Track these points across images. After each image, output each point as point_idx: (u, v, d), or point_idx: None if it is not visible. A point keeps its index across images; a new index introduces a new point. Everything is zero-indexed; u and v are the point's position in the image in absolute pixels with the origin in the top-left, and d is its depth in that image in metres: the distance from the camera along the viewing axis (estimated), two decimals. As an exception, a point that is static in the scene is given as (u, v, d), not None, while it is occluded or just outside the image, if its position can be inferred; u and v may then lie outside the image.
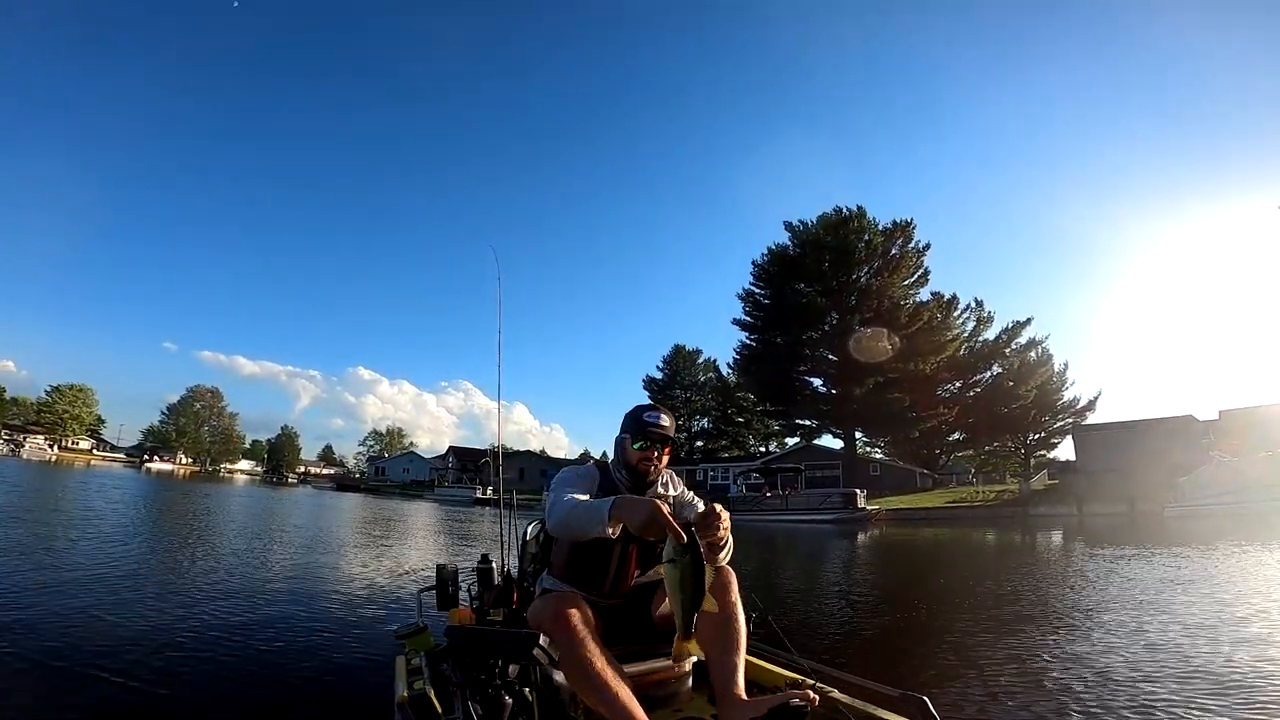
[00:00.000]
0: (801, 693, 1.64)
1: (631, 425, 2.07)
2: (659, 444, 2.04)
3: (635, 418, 2.08)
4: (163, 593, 5.79)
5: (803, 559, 12.49)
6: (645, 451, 2.04)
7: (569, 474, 2.05)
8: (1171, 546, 12.09)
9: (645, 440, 2.03)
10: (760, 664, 2.11)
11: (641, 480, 2.07)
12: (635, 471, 2.06)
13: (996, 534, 18.68)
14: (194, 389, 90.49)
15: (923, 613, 6.15)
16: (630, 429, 2.08)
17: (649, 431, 2.03)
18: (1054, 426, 44.43)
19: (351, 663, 3.93)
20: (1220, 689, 3.44)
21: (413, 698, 1.93)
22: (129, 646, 3.97)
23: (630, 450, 2.06)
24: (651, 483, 2.09)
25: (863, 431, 43.61)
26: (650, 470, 2.06)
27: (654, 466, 2.06)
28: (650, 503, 1.56)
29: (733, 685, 1.68)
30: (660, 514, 1.50)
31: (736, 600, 1.82)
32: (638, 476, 2.06)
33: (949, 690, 3.24)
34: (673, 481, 2.19)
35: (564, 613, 1.65)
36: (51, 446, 73.58)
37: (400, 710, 1.94)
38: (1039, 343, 42.59)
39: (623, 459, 2.10)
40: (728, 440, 59.10)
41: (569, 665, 1.61)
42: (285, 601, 5.73)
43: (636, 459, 2.04)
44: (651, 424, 2.04)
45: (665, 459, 2.09)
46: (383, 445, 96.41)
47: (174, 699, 3.23)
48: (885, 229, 39.87)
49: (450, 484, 44.59)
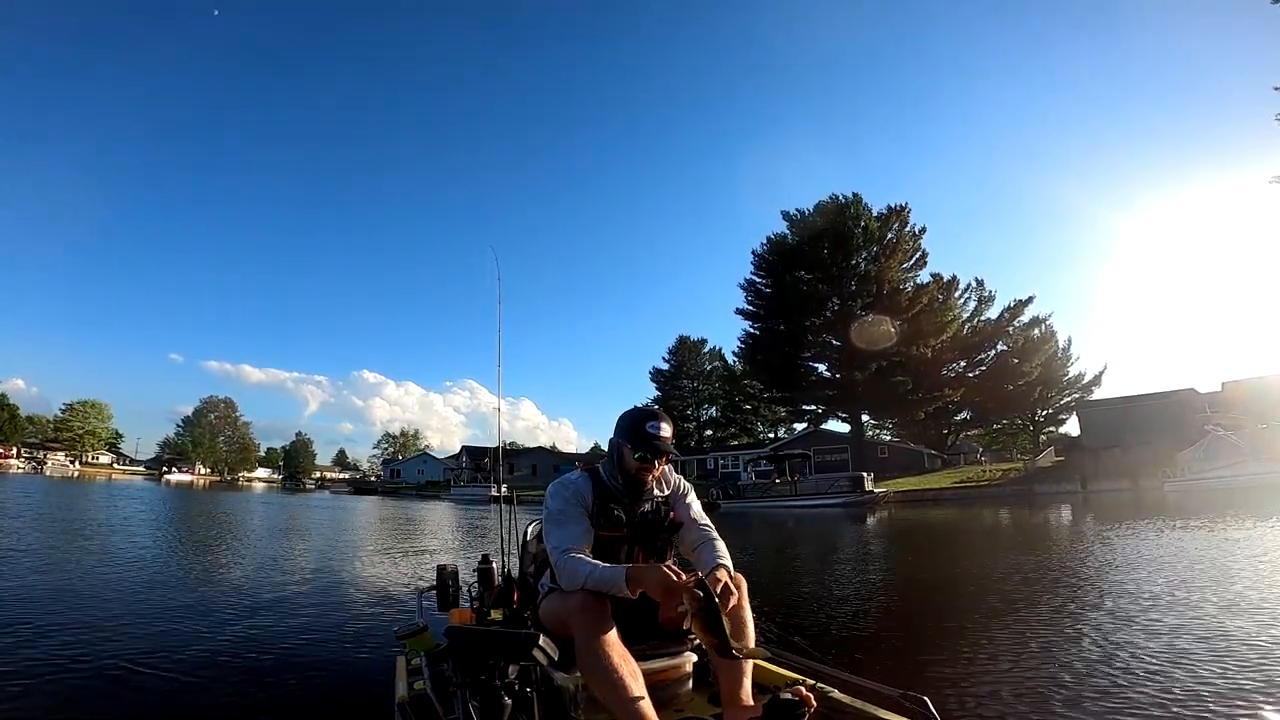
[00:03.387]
0: (794, 689, 1.66)
1: (630, 434, 1.99)
2: (660, 455, 1.99)
3: (635, 428, 1.98)
4: (173, 595, 5.96)
5: (808, 545, 12.91)
6: (645, 464, 1.98)
7: (559, 502, 1.97)
8: (1160, 523, 12.50)
9: (646, 453, 1.97)
10: (760, 664, 2.11)
11: (638, 488, 2.03)
12: (633, 480, 2.01)
13: (1000, 513, 19.07)
14: (208, 400, 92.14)
15: (920, 600, 6.21)
16: (629, 438, 1.99)
17: (652, 445, 1.96)
18: (1061, 403, 44.69)
19: (352, 663, 3.93)
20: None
21: (413, 698, 1.98)
22: (131, 646, 4.05)
23: (629, 459, 1.99)
24: (649, 493, 2.06)
25: (869, 414, 44.11)
26: (648, 480, 2.02)
27: (652, 477, 2.02)
28: (662, 574, 1.62)
29: (739, 689, 1.71)
30: (672, 582, 1.59)
31: (746, 605, 1.83)
32: (635, 485, 2.02)
33: (948, 689, 3.22)
34: (664, 477, 2.12)
35: (591, 607, 1.68)
36: (73, 462, 75.13)
37: (401, 710, 1.97)
38: (1042, 320, 42.78)
39: (620, 465, 2.03)
40: (736, 428, 59.62)
41: (589, 662, 1.62)
42: (288, 602, 5.78)
43: (635, 469, 1.99)
44: (653, 436, 1.96)
45: (663, 466, 2.05)
46: (396, 448, 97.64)
47: (174, 698, 3.25)
48: (881, 214, 40.19)
49: (466, 483, 45.33)
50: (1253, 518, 12.29)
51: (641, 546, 2.03)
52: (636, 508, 2.03)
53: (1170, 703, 2.98)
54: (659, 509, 2.05)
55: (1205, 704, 2.94)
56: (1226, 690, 3.11)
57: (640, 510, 2.03)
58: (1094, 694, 3.12)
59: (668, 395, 59.64)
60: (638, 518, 2.02)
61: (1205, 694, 3.06)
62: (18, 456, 68.08)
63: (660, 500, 2.08)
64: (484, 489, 39.38)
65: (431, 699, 1.89)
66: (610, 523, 1.98)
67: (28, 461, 67.66)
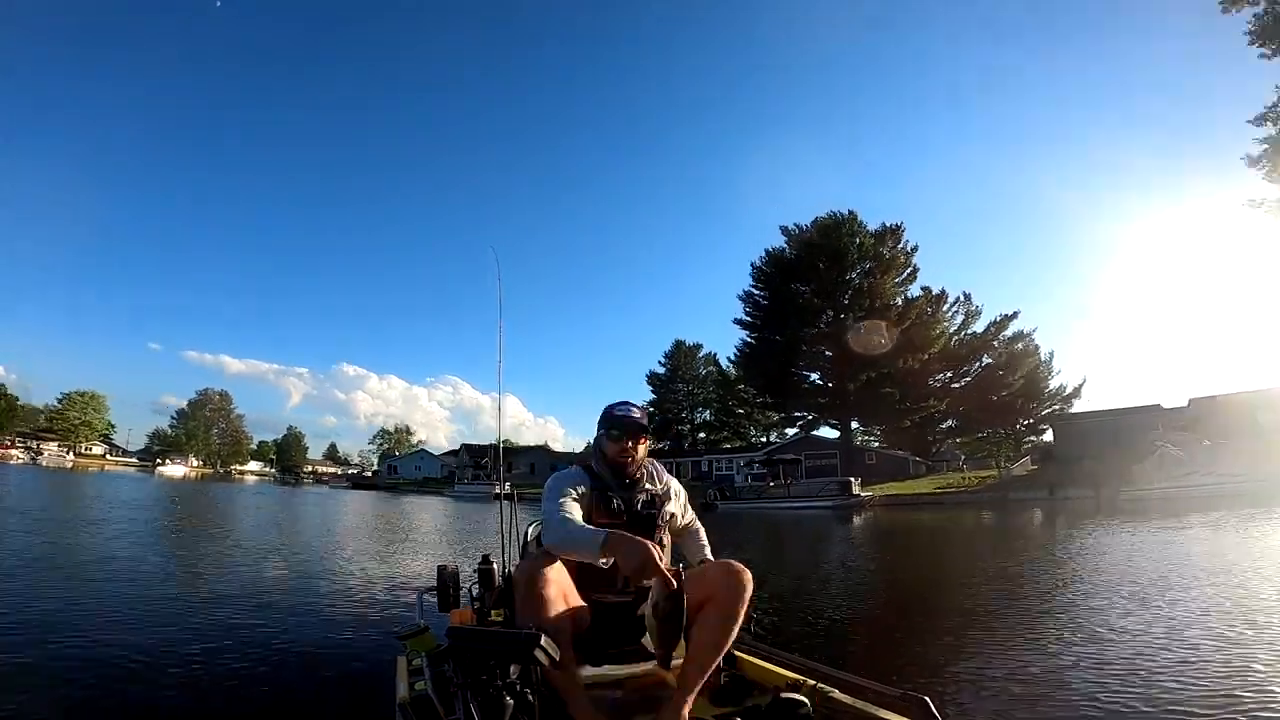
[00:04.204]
0: (792, 695, 1.70)
1: (605, 421, 2.13)
2: (633, 433, 2.07)
3: (607, 414, 2.14)
4: (174, 594, 6.05)
5: (801, 542, 14.52)
6: (619, 442, 2.07)
7: (557, 481, 2.05)
8: (1106, 525, 14.23)
9: (619, 430, 2.07)
10: (760, 664, 2.12)
11: (621, 473, 2.09)
12: (615, 465, 2.09)
13: (975, 516, 20.86)
14: (203, 392, 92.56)
15: (905, 595, 6.58)
16: (604, 424, 2.12)
17: (622, 422, 2.08)
18: (1041, 414, 46.69)
19: (353, 663, 3.94)
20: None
21: (414, 698, 1.98)
22: (133, 646, 4.07)
23: (608, 444, 2.10)
24: (633, 477, 2.11)
25: (859, 422, 45.97)
26: (629, 463, 2.08)
27: (631, 459, 2.08)
28: (644, 547, 1.60)
29: (685, 695, 1.73)
30: (653, 560, 1.57)
31: (741, 611, 1.81)
32: (618, 470, 2.09)
33: (948, 687, 3.23)
34: (656, 474, 2.20)
35: (539, 573, 1.70)
36: (67, 453, 75.39)
37: (401, 711, 1.97)
38: (1026, 335, 44.75)
39: (604, 456, 2.12)
40: (729, 431, 61.18)
41: (528, 610, 1.68)
42: (290, 602, 5.84)
43: (614, 452, 2.08)
44: (623, 415, 2.10)
45: (642, 450, 2.12)
46: (390, 443, 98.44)
47: (174, 698, 3.26)
48: (876, 232, 42.15)
49: (469, 481, 46.47)
50: (1175, 520, 14.09)
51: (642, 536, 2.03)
52: (634, 498, 2.10)
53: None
54: (654, 500, 2.14)
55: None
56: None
57: (638, 499, 2.11)
58: (1086, 687, 3.21)
59: (663, 398, 61.32)
60: (637, 505, 2.09)
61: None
62: (14, 446, 68.30)
63: (656, 494, 2.16)
64: (487, 486, 40.56)
65: (433, 700, 1.91)
66: (609, 511, 2.03)
67: (25, 452, 67.91)
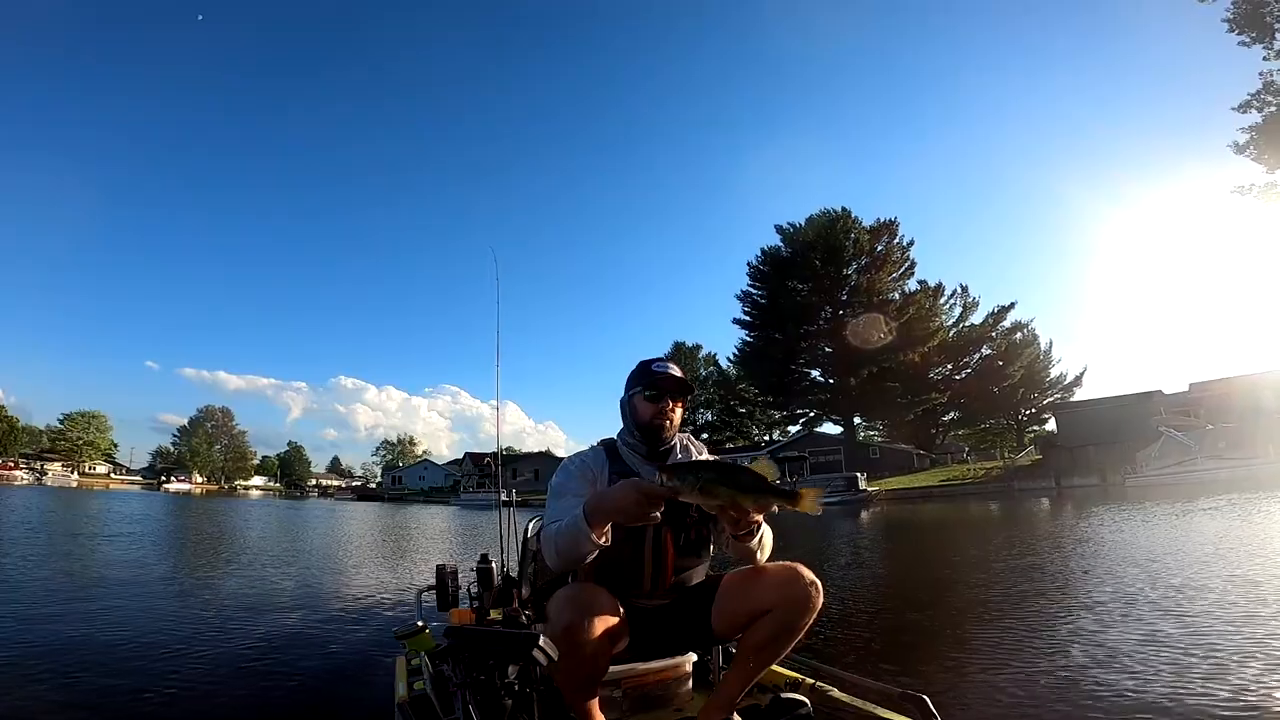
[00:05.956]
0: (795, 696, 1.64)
1: (639, 378, 1.81)
2: (671, 393, 1.78)
3: (641, 370, 1.82)
4: (176, 598, 6.19)
5: (808, 539, 14.56)
6: (657, 403, 1.77)
7: (563, 474, 1.79)
8: (1115, 512, 14.31)
9: (656, 390, 1.77)
10: None
11: (656, 439, 1.79)
12: (649, 429, 1.78)
13: (982, 507, 20.87)
14: (205, 409, 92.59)
15: (915, 589, 6.51)
16: (638, 383, 1.81)
17: (659, 380, 1.77)
18: (1044, 403, 46.79)
19: (352, 663, 3.96)
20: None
21: (413, 698, 1.97)
22: (134, 646, 4.16)
23: (641, 405, 1.79)
24: (668, 443, 1.81)
25: (861, 417, 46.14)
26: (666, 426, 1.78)
27: (670, 421, 1.78)
28: (626, 481, 1.43)
29: (729, 696, 1.65)
30: (643, 486, 1.39)
31: (804, 628, 1.62)
32: (652, 435, 1.78)
33: (947, 685, 3.24)
34: (693, 446, 1.90)
35: (580, 624, 1.44)
36: (72, 473, 75.54)
37: (401, 710, 1.96)
38: (1025, 325, 44.92)
39: (633, 419, 1.81)
40: (732, 431, 61.29)
41: (566, 683, 1.51)
42: (290, 603, 5.89)
43: (650, 413, 1.77)
44: (661, 372, 1.78)
45: (679, 413, 1.81)
46: (394, 454, 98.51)
47: (175, 698, 3.29)
48: (871, 227, 42.33)
49: (474, 489, 46.49)
50: (1182, 503, 14.20)
51: (670, 529, 1.71)
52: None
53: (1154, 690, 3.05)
54: None
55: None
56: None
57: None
58: (1089, 685, 3.15)
59: (665, 400, 61.23)
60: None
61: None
62: (19, 468, 68.41)
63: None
64: (492, 494, 40.59)
65: (431, 699, 1.88)
66: None
67: (30, 473, 68.02)
